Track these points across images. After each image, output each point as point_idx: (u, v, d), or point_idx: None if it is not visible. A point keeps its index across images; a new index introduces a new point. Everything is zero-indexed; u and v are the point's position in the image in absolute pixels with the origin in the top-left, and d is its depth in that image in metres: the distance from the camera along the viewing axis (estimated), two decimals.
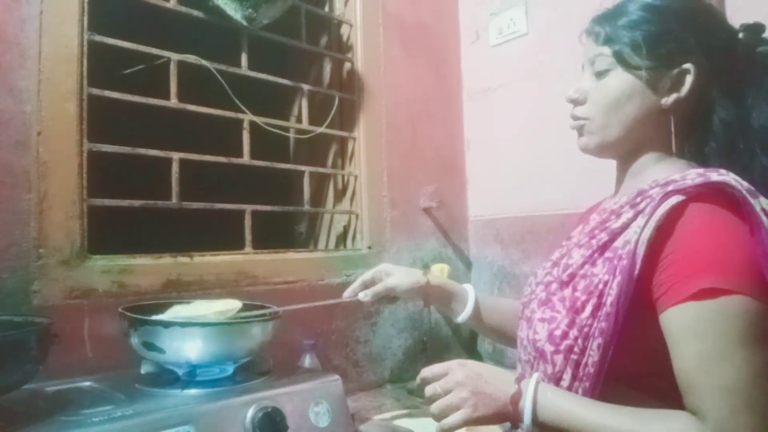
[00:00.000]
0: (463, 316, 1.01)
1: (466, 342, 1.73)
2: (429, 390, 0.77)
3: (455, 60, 1.86)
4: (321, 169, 1.59)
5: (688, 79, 0.77)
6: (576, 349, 0.73)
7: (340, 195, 1.63)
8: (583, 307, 0.73)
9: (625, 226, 0.74)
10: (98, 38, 1.11)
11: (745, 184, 0.69)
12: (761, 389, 0.62)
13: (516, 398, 0.71)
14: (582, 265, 0.77)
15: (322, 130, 1.48)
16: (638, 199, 0.74)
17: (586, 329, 0.72)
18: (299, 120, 1.50)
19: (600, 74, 0.81)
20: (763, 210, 0.67)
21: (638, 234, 0.70)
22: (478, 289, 1.74)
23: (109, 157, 1.11)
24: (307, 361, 1.23)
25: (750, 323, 0.63)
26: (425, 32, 1.77)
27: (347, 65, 1.61)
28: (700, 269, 0.66)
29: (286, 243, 1.62)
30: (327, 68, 1.65)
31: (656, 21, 0.78)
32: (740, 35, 0.81)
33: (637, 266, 0.69)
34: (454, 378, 0.75)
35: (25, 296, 0.97)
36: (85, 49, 1.08)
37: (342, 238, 1.62)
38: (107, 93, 1.11)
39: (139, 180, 1.32)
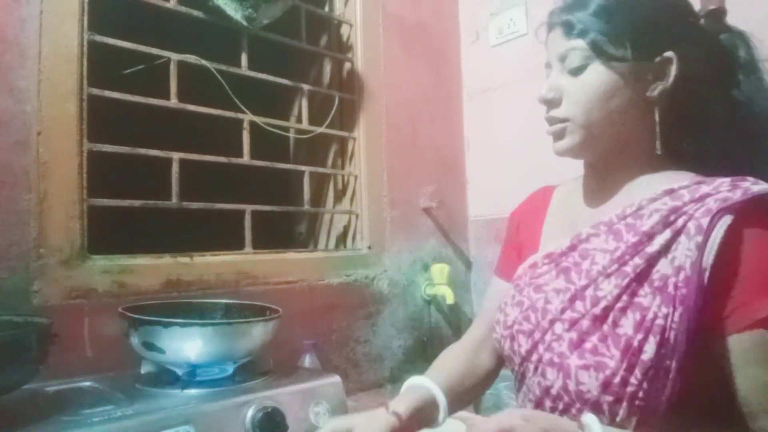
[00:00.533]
0: (441, 418, 0.80)
1: None
2: None
3: (455, 60, 1.86)
4: (321, 169, 1.59)
5: (672, 69, 0.72)
6: (641, 394, 0.65)
7: (340, 195, 1.63)
8: (641, 347, 0.65)
9: (665, 249, 0.68)
10: (98, 38, 1.11)
11: None
12: None
13: None
14: (618, 297, 0.68)
15: (322, 130, 1.48)
16: (672, 217, 0.68)
17: (651, 372, 0.65)
18: (299, 120, 1.50)
19: (575, 70, 0.74)
20: None
21: (693, 258, 0.65)
22: (478, 289, 1.77)
23: (109, 157, 1.11)
24: (307, 361, 1.23)
25: None
26: (425, 32, 1.78)
27: (347, 65, 1.61)
28: (765, 294, 0.63)
29: (286, 243, 1.62)
30: (327, 68, 1.65)
31: (632, 8, 0.73)
32: (703, 22, 0.77)
33: (702, 294, 0.64)
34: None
35: (25, 296, 0.97)
36: (85, 49, 1.08)
37: (342, 238, 1.62)
38: (107, 93, 1.11)
39: (139, 180, 1.32)
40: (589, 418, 0.64)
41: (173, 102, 1.21)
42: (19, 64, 1.00)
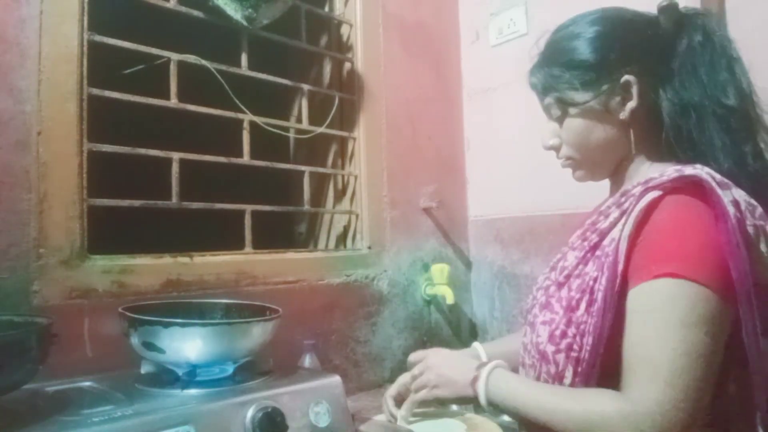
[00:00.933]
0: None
1: (466, 341, 1.73)
2: (413, 371, 0.96)
3: (455, 60, 1.86)
4: (321, 169, 1.59)
5: (634, 89, 0.80)
6: (575, 346, 0.76)
7: (340, 195, 1.63)
8: (578, 305, 0.77)
9: (612, 225, 0.78)
10: (98, 38, 1.11)
11: (719, 177, 0.72)
12: (686, 367, 0.66)
13: (474, 381, 0.83)
14: (576, 266, 0.80)
15: (322, 130, 1.48)
16: (622, 199, 0.78)
17: (582, 326, 0.75)
18: (299, 120, 1.50)
19: (558, 120, 0.86)
20: (734, 201, 0.70)
21: (620, 230, 0.74)
22: (478, 289, 1.77)
23: (109, 157, 1.11)
24: (307, 361, 1.23)
25: (692, 307, 0.67)
26: (425, 32, 1.77)
27: (347, 65, 1.61)
28: (663, 256, 0.70)
29: (286, 243, 1.62)
30: (327, 68, 1.65)
31: (579, 53, 0.82)
32: (660, 20, 0.82)
33: (620, 261, 0.73)
34: (426, 363, 0.94)
35: (25, 296, 0.97)
36: (85, 49, 1.08)
37: (342, 238, 1.62)
38: (107, 93, 1.11)
39: (139, 180, 1.32)
40: (491, 363, 0.84)
41: (173, 102, 1.21)
42: (19, 64, 1.00)
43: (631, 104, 0.81)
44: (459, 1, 1.88)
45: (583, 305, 0.76)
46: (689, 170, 0.73)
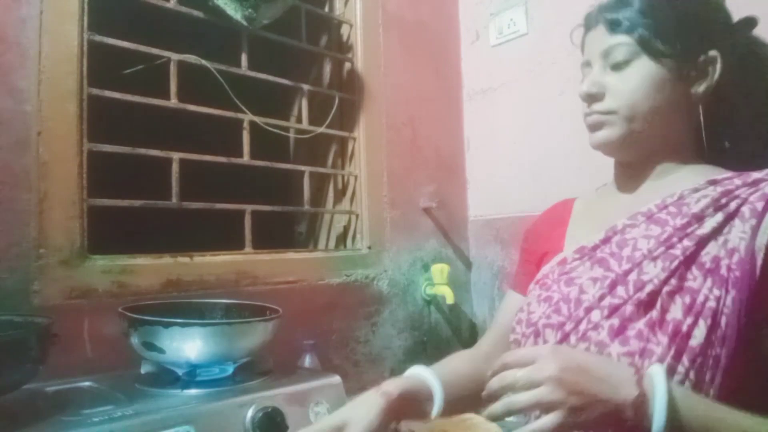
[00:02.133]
0: (434, 412, 0.78)
1: (466, 343, 1.73)
2: (506, 378, 0.61)
3: (455, 60, 1.86)
4: (321, 169, 1.59)
5: (716, 67, 0.73)
6: (687, 384, 0.61)
7: (340, 195, 1.63)
8: (690, 332, 0.61)
9: (716, 232, 0.66)
10: (98, 38, 1.11)
11: None
12: None
13: (641, 401, 0.57)
14: (666, 281, 0.65)
15: (322, 130, 1.48)
16: (723, 200, 0.67)
17: (699, 359, 0.61)
18: (299, 120, 1.50)
19: (619, 65, 0.75)
20: None
21: (747, 240, 0.63)
22: (478, 289, 1.77)
23: (109, 157, 1.11)
24: (307, 361, 1.23)
25: None
26: (425, 32, 1.77)
27: (347, 65, 1.61)
28: None
29: (286, 243, 1.62)
30: (327, 68, 1.65)
31: (678, 6, 0.74)
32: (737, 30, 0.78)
33: (756, 276, 0.62)
34: (547, 370, 0.59)
35: (25, 296, 0.97)
36: (85, 49, 1.08)
37: (342, 238, 1.62)
38: (107, 93, 1.11)
39: (139, 180, 1.32)
40: (654, 370, 0.59)
41: (173, 102, 1.21)
42: (19, 64, 1.00)
43: (708, 83, 0.73)
44: (459, 1, 1.88)
45: (699, 332, 0.61)
46: None
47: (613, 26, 0.75)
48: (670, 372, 0.60)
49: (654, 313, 0.64)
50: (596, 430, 0.60)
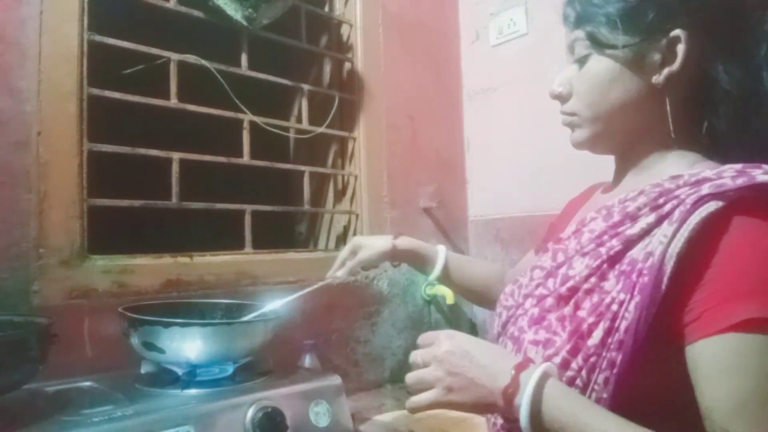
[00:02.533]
0: (432, 276, 1.03)
1: None
2: (411, 356, 0.68)
3: (455, 60, 1.86)
4: (321, 169, 1.59)
5: (680, 49, 0.65)
6: (578, 382, 0.60)
7: (340, 195, 1.63)
8: (590, 331, 0.60)
9: (645, 233, 0.62)
10: (98, 38, 1.11)
11: None
12: None
13: (511, 392, 0.59)
14: (587, 278, 0.64)
15: (322, 130, 1.48)
16: (661, 200, 0.62)
17: (593, 359, 0.60)
18: (299, 120, 1.50)
19: (580, 61, 0.72)
20: None
21: (664, 245, 0.58)
22: None
23: (109, 157, 1.11)
24: (307, 361, 1.23)
25: None
26: (425, 32, 1.77)
27: (347, 65, 1.61)
28: (745, 294, 0.55)
29: (286, 243, 1.62)
30: (327, 68, 1.65)
31: None
32: None
33: (663, 285, 0.57)
34: (435, 351, 0.65)
35: (25, 296, 0.97)
36: (85, 49, 1.08)
37: (342, 238, 1.62)
38: (107, 93, 1.11)
39: (139, 180, 1.32)
40: (539, 366, 0.60)
41: (173, 102, 1.21)
42: (19, 64, 1.00)
43: (671, 68, 0.66)
44: (459, 1, 1.88)
45: (598, 333, 0.60)
46: (761, 175, 0.58)
47: (567, 20, 0.73)
48: (565, 366, 0.61)
49: (567, 309, 0.64)
50: (471, 413, 0.67)
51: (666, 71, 0.67)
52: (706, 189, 0.59)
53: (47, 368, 0.82)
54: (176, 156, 1.20)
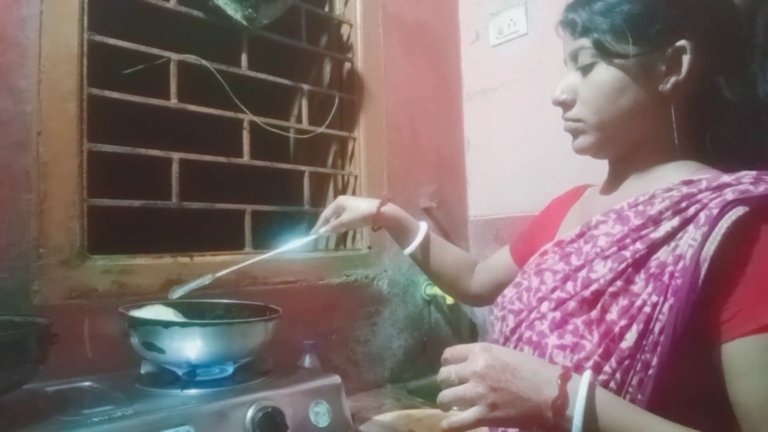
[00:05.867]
0: (408, 249, 1.06)
1: (466, 341, 1.73)
2: (443, 373, 0.65)
3: (455, 60, 1.86)
4: (321, 169, 1.59)
5: (685, 59, 0.67)
6: (612, 385, 0.60)
7: (340, 195, 1.63)
8: (622, 334, 0.61)
9: (669, 237, 0.63)
10: (98, 38, 1.11)
11: None
12: None
13: (560, 404, 0.58)
14: (612, 282, 0.64)
15: (322, 130, 1.48)
16: (684, 204, 0.63)
17: (627, 362, 0.60)
18: (299, 120, 1.50)
19: (585, 69, 0.73)
20: None
21: (696, 249, 0.59)
22: None
23: (109, 157, 1.11)
24: (307, 361, 1.23)
25: None
26: (425, 32, 1.78)
27: (347, 65, 1.61)
28: None
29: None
30: (327, 68, 1.65)
31: (635, 2, 0.69)
32: None
33: (698, 288, 0.58)
34: (473, 366, 0.62)
35: (25, 296, 0.97)
36: (85, 49, 1.08)
37: (342, 238, 1.62)
38: (107, 93, 1.11)
39: (139, 180, 1.32)
40: (583, 375, 0.59)
41: (173, 102, 1.21)
42: (19, 64, 1.00)
43: (677, 77, 0.68)
44: (459, 1, 1.88)
45: (631, 336, 0.60)
46: (750, 180, 0.61)
47: (572, 29, 0.73)
48: (597, 370, 0.61)
49: (594, 313, 0.64)
50: (518, 428, 0.64)
51: (672, 80, 0.68)
52: (730, 194, 0.60)
53: (47, 368, 0.82)
54: (176, 156, 1.20)
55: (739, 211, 0.59)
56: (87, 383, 0.94)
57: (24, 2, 1.01)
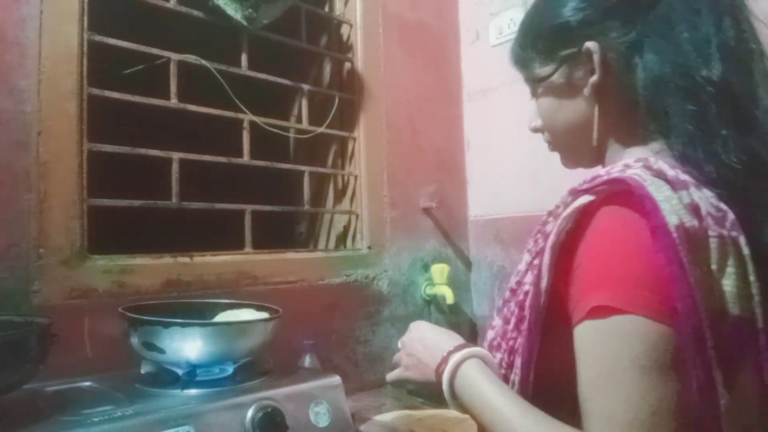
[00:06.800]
0: None
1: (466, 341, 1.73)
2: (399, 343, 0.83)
3: (455, 60, 1.86)
4: (321, 169, 1.59)
5: (595, 59, 0.67)
6: (504, 363, 0.68)
7: (340, 195, 1.64)
8: (508, 319, 0.69)
9: (548, 225, 0.67)
10: (98, 38, 1.11)
11: (671, 174, 0.57)
12: (656, 422, 0.51)
13: (441, 369, 0.69)
14: (525, 273, 0.69)
15: (322, 130, 1.48)
16: (569, 198, 0.64)
17: (511, 342, 0.67)
18: (299, 120, 1.50)
19: (533, 95, 0.79)
20: (692, 205, 0.55)
21: (552, 235, 0.62)
22: (478, 289, 1.77)
23: (109, 157, 1.11)
24: (307, 361, 1.23)
25: (646, 347, 0.52)
26: (425, 32, 1.78)
27: (347, 65, 1.61)
28: (595, 284, 0.57)
29: (286, 243, 1.62)
30: (327, 68, 1.65)
31: (543, 18, 0.73)
32: None
33: (544, 277, 0.61)
34: (404, 336, 0.81)
35: (25, 296, 0.97)
36: (85, 49, 1.08)
37: (342, 238, 1.62)
38: (107, 93, 1.11)
39: (139, 180, 1.32)
40: (465, 351, 0.69)
41: (173, 102, 1.21)
42: (19, 64, 1.00)
43: (594, 78, 0.68)
44: (459, 1, 1.88)
45: (513, 320, 0.68)
46: (617, 170, 0.61)
47: (515, 65, 0.80)
48: (498, 348, 0.70)
49: (513, 299, 0.70)
50: (422, 388, 0.77)
51: (590, 82, 0.69)
52: (585, 185, 0.62)
53: (47, 368, 0.82)
54: (176, 156, 1.20)
55: (584, 199, 0.60)
56: (87, 383, 0.94)
57: (24, 2, 1.01)
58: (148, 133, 1.26)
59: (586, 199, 0.60)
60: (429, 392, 0.75)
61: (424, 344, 0.75)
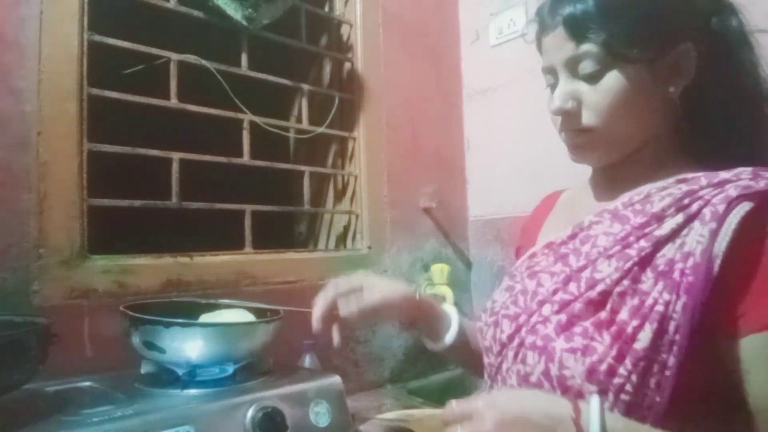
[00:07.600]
0: (449, 336, 0.89)
1: None
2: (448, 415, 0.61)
3: (455, 60, 1.86)
4: (321, 169, 1.59)
5: (691, 61, 0.67)
6: (628, 387, 0.59)
7: (340, 195, 1.63)
8: (635, 335, 0.59)
9: (675, 233, 0.63)
10: (98, 38, 1.11)
11: None
12: None
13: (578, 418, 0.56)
14: (618, 281, 0.63)
15: (322, 130, 1.48)
16: (686, 201, 0.63)
17: (642, 363, 0.58)
18: (299, 120, 1.50)
19: (591, 76, 0.68)
20: None
21: (704, 245, 0.59)
22: (478, 289, 1.77)
23: (109, 157, 1.11)
24: (307, 361, 1.23)
25: None
26: (425, 32, 1.78)
27: (347, 65, 1.61)
28: None
29: (286, 243, 1.62)
30: (327, 68, 1.65)
31: (642, 3, 0.67)
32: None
33: (711, 284, 0.59)
34: (482, 427, 0.57)
35: (25, 296, 0.97)
36: (85, 49, 1.08)
37: (342, 238, 1.62)
38: (107, 93, 1.11)
39: (139, 180, 1.32)
40: (591, 402, 0.56)
41: (173, 102, 1.21)
42: (19, 64, 1.00)
43: (684, 79, 0.68)
44: (459, 1, 1.88)
45: (644, 336, 0.59)
46: (746, 176, 0.62)
47: (575, 31, 0.68)
48: (612, 373, 0.59)
49: (603, 314, 0.63)
50: None
51: (680, 83, 0.68)
52: (732, 190, 0.61)
53: (47, 368, 0.82)
54: (176, 156, 1.20)
55: (745, 206, 0.60)
56: (87, 383, 0.94)
57: (24, 2, 1.01)
58: (148, 133, 1.25)
59: (747, 206, 0.60)
60: (430, 393, 0.69)
61: (527, 423, 0.57)
